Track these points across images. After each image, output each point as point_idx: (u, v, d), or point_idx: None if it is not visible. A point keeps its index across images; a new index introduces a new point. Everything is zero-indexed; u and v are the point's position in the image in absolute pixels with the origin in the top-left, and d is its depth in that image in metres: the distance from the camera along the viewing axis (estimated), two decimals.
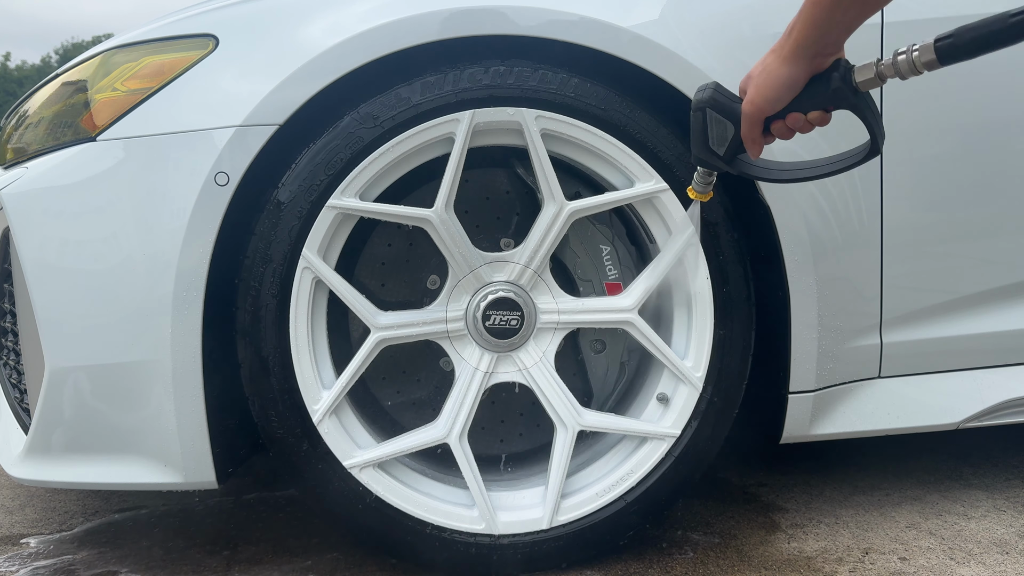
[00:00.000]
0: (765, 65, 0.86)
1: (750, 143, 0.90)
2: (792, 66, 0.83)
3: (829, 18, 0.79)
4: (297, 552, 1.48)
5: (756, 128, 0.88)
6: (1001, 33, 0.73)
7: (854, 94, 0.84)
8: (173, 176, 1.20)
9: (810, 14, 0.79)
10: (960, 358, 1.46)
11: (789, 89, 0.85)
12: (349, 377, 1.27)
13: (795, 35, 0.82)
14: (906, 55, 0.79)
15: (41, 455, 1.28)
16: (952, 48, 0.77)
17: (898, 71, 0.81)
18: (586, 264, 1.44)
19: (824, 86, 0.84)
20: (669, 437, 1.34)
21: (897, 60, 0.80)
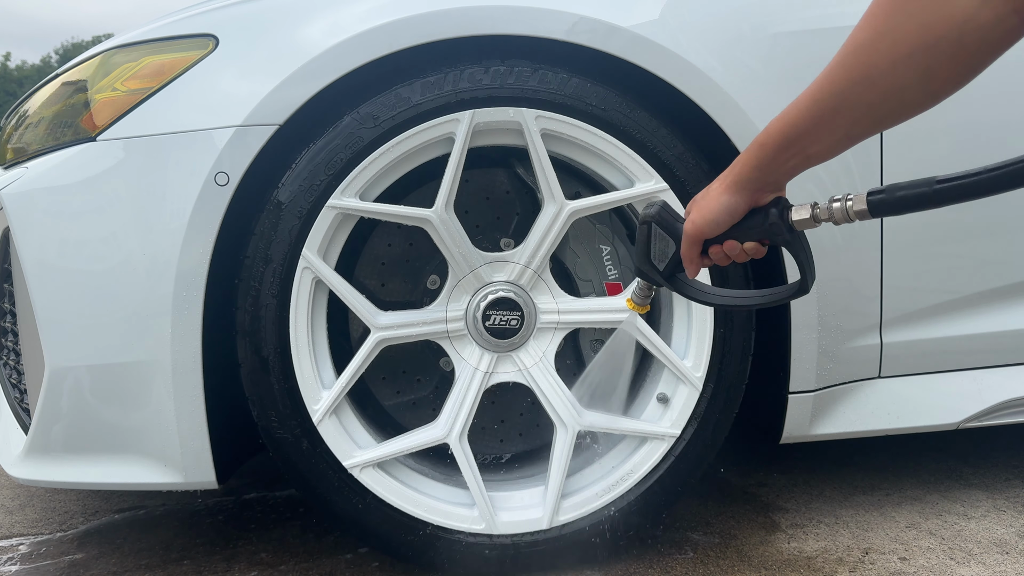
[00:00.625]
0: (709, 192, 0.89)
1: (688, 262, 0.93)
2: (733, 196, 0.87)
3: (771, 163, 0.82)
4: (297, 552, 1.48)
5: (695, 249, 0.92)
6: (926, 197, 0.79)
7: (789, 232, 0.87)
8: (173, 176, 1.20)
9: (754, 155, 0.83)
10: (960, 358, 1.46)
11: (728, 217, 0.88)
12: (349, 377, 1.27)
13: (737, 169, 0.86)
14: (841, 203, 0.83)
15: (41, 455, 1.28)
16: (882, 204, 0.81)
17: (832, 217, 0.84)
18: (586, 264, 1.44)
19: (762, 220, 0.87)
20: (669, 437, 1.34)
21: (832, 207, 0.83)
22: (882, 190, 0.80)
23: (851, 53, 0.72)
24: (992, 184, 0.73)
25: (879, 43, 0.69)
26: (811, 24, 1.31)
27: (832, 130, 0.77)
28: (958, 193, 0.76)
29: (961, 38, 0.64)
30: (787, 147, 0.80)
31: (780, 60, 1.30)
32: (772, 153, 0.82)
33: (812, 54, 1.29)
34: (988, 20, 0.63)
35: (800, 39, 1.31)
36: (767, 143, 0.82)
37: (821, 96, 0.76)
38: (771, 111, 1.27)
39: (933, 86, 0.69)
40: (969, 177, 0.74)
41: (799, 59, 1.30)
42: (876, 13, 0.70)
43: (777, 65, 1.30)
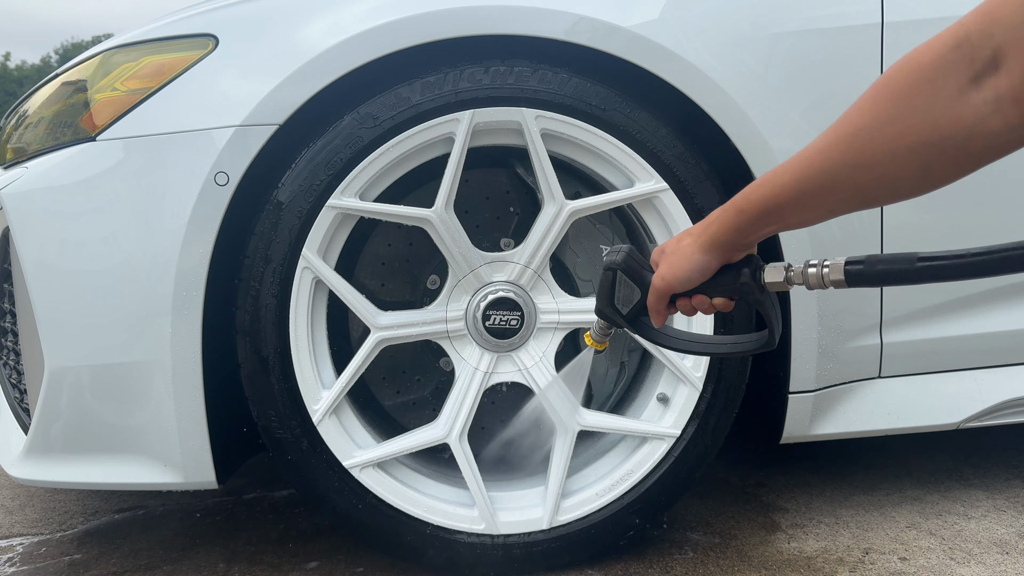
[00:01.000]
0: (681, 246, 0.88)
1: (655, 313, 0.93)
2: (706, 255, 0.86)
3: (749, 229, 0.82)
4: (297, 552, 1.48)
5: (662, 302, 0.91)
6: (907, 273, 0.75)
7: (760, 291, 0.87)
8: (173, 176, 1.20)
9: (732, 220, 0.82)
10: (960, 358, 1.46)
11: (701, 274, 0.88)
12: (349, 377, 1.27)
13: (713, 231, 0.85)
14: (817, 269, 0.81)
15: (41, 455, 1.28)
16: (860, 275, 0.78)
17: (806, 281, 0.82)
18: (586, 264, 1.44)
19: (734, 278, 0.87)
20: (669, 437, 1.34)
21: (808, 271, 0.82)
22: (861, 260, 0.78)
23: (848, 136, 0.70)
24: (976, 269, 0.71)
25: (881, 132, 0.67)
26: (811, 24, 1.31)
27: (816, 206, 0.76)
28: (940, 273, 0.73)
29: (967, 141, 0.63)
30: (766, 216, 0.79)
31: (780, 60, 1.30)
32: (751, 220, 0.81)
33: (812, 54, 1.29)
34: (997, 127, 0.62)
35: (800, 39, 1.31)
36: (746, 210, 0.80)
37: (810, 174, 0.74)
38: (771, 110, 1.28)
39: (929, 180, 0.68)
40: (953, 259, 0.72)
41: (799, 59, 1.30)
42: (879, 99, 0.67)
43: (777, 65, 1.30)
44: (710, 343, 1.01)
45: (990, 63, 0.60)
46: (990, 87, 0.61)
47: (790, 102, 1.29)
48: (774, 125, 1.27)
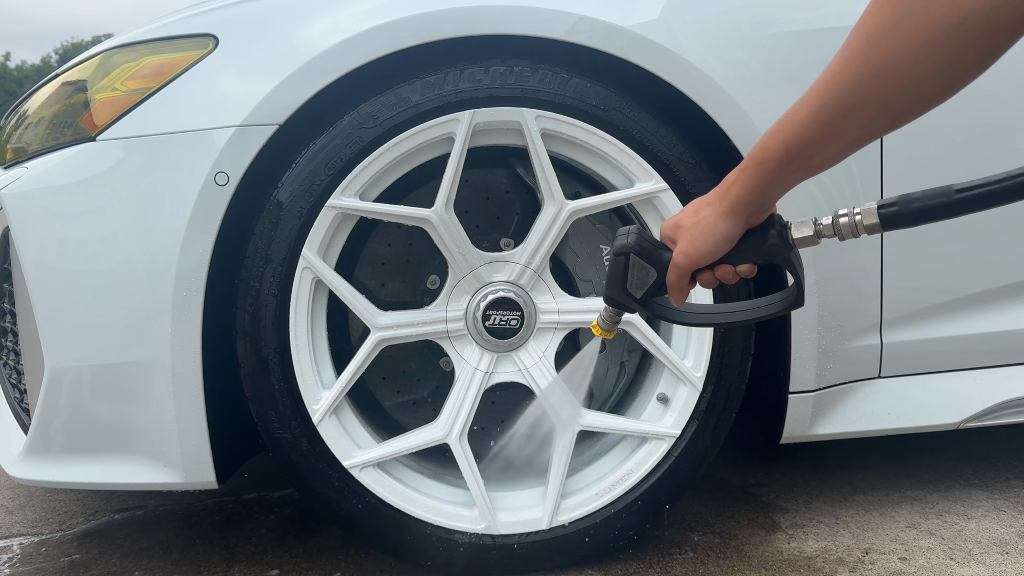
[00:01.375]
0: (700, 218, 0.83)
1: (677, 292, 0.88)
2: (730, 222, 0.81)
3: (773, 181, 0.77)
4: (297, 552, 1.48)
5: (685, 278, 0.86)
6: (945, 207, 0.73)
7: (789, 250, 0.83)
8: (173, 176, 1.20)
9: (753, 175, 0.78)
10: (960, 358, 1.46)
11: (726, 244, 0.83)
12: (349, 377, 1.27)
13: (735, 192, 0.80)
14: (848, 218, 0.78)
15: (41, 455, 1.28)
16: (896, 216, 0.75)
17: (839, 232, 0.79)
18: (586, 264, 1.44)
19: (760, 241, 0.83)
20: (669, 437, 1.34)
21: (839, 222, 0.79)
22: (895, 202, 0.75)
23: (864, 44, 0.65)
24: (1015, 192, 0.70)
25: (898, 29, 0.62)
26: (811, 24, 1.31)
27: (840, 135, 0.71)
28: (980, 201, 0.71)
29: (991, 14, 0.59)
30: (790, 161, 0.74)
31: (780, 60, 1.30)
32: (774, 170, 0.76)
33: (812, 54, 1.29)
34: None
35: (800, 39, 1.31)
36: (767, 160, 0.76)
37: (829, 98, 0.69)
38: (771, 111, 1.28)
39: (957, 72, 0.64)
40: (991, 184, 0.70)
41: (799, 59, 1.30)
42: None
43: (777, 65, 1.30)
44: (735, 311, 0.95)
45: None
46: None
47: (790, 102, 1.28)
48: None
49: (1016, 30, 0.61)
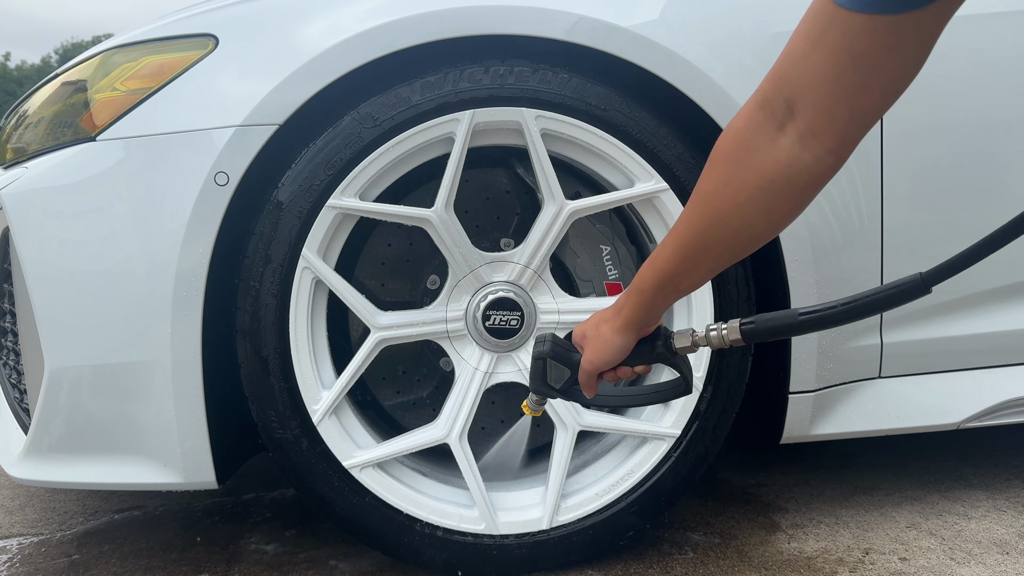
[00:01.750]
0: (600, 332, 1.00)
1: (586, 388, 1.06)
2: (623, 337, 0.98)
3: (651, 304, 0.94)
4: (297, 552, 1.48)
5: (592, 379, 1.04)
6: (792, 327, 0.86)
7: (673, 355, 1.00)
8: (173, 176, 1.20)
9: (637, 301, 0.94)
10: (960, 358, 1.46)
11: (621, 354, 1.00)
12: (349, 377, 1.27)
13: (624, 314, 0.97)
14: (717, 331, 0.93)
15: (41, 455, 1.28)
16: (752, 332, 0.90)
17: (710, 343, 0.95)
18: (586, 264, 1.44)
19: (650, 350, 1.00)
20: (669, 437, 1.34)
21: (709, 334, 0.95)
22: (752, 320, 0.90)
23: (701, 202, 0.83)
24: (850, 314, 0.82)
25: (724, 190, 0.81)
26: None
27: (697, 267, 0.88)
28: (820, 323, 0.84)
29: (790, 177, 0.77)
30: (661, 289, 0.91)
31: None
32: (651, 297, 0.93)
33: None
34: (809, 160, 0.76)
35: None
36: (645, 288, 0.93)
37: (683, 241, 0.86)
38: None
39: (774, 220, 0.81)
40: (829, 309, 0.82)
41: None
42: (717, 165, 0.82)
43: None
44: (636, 394, 1.13)
45: (787, 112, 0.75)
46: (792, 130, 0.75)
47: None
48: None
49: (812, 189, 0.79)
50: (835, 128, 0.74)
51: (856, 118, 0.74)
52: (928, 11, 0.66)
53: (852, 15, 0.68)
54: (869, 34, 0.68)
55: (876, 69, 0.70)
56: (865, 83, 0.71)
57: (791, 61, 0.75)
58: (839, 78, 0.71)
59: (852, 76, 0.71)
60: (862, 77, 0.71)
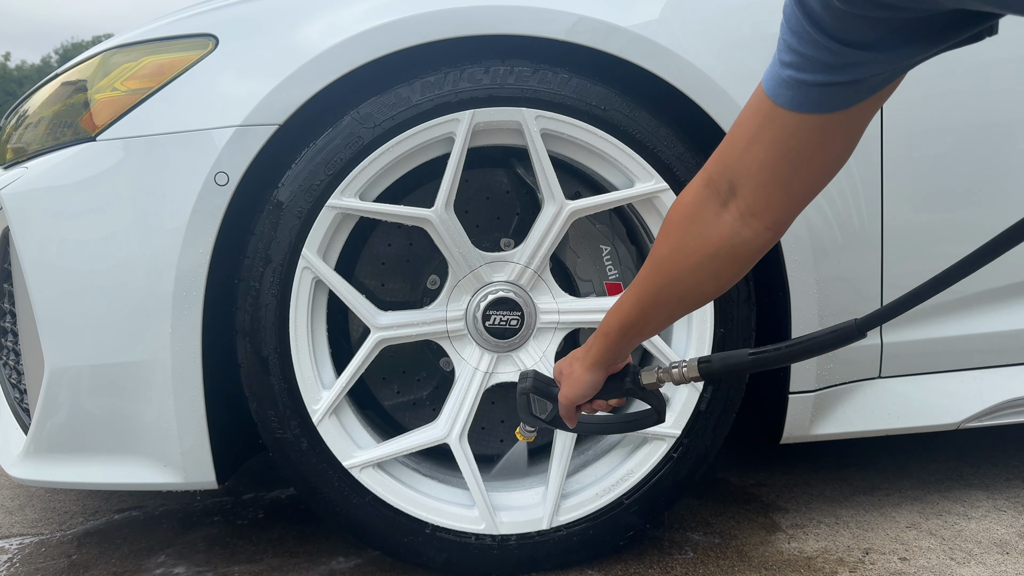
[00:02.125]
0: (572, 370, 1.08)
1: (567, 419, 1.14)
2: (592, 374, 1.06)
3: (616, 346, 1.02)
4: (297, 552, 1.48)
5: (570, 411, 1.12)
6: (743, 365, 0.94)
7: (641, 390, 1.07)
8: (173, 176, 1.20)
9: (603, 343, 1.02)
10: (960, 358, 1.46)
11: (592, 389, 1.08)
12: (349, 377, 1.27)
13: (593, 354, 1.05)
14: (678, 369, 1.01)
15: (41, 455, 1.28)
16: (708, 370, 0.98)
17: (672, 379, 1.02)
18: (586, 264, 1.44)
19: (619, 385, 1.08)
20: (669, 437, 1.34)
21: (671, 371, 1.02)
22: (709, 359, 0.98)
23: (657, 264, 0.93)
24: (791, 356, 0.90)
25: (675, 256, 0.90)
26: None
27: (655, 318, 0.97)
28: (765, 362, 0.92)
29: (733, 249, 0.86)
30: (624, 334, 1.00)
31: None
32: (616, 339, 1.01)
33: None
34: (748, 235, 0.85)
35: None
36: (610, 333, 1.01)
37: (642, 295, 0.96)
38: None
39: (721, 282, 0.90)
40: (774, 350, 0.91)
41: None
42: (670, 232, 0.91)
43: None
44: (614, 423, 1.20)
45: (729, 193, 0.84)
46: (735, 208, 0.84)
47: None
48: None
49: (755, 257, 0.88)
50: (771, 210, 0.83)
51: (790, 202, 0.83)
52: (853, 111, 0.75)
53: (787, 114, 0.76)
54: (801, 132, 0.77)
55: (807, 162, 0.79)
56: (797, 174, 0.80)
57: (733, 150, 0.83)
58: (774, 169, 0.80)
59: (786, 168, 0.80)
60: (795, 169, 0.80)
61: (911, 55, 0.69)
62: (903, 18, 0.66)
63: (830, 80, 0.72)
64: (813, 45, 0.70)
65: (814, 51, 0.70)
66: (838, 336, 0.85)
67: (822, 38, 0.69)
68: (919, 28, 0.67)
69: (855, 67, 0.70)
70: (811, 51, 0.71)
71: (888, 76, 0.73)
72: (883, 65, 0.70)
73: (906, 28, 0.67)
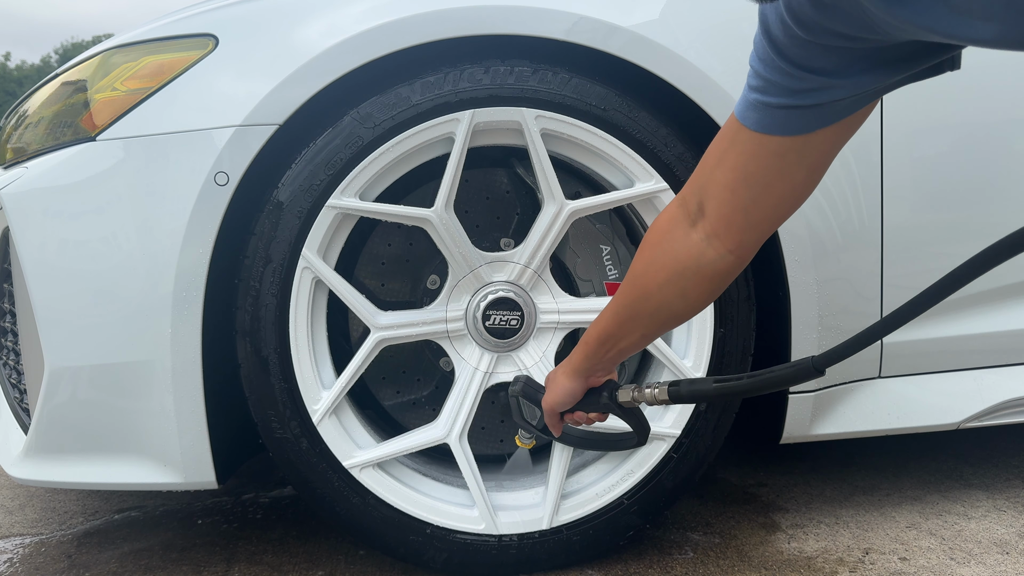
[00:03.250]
0: (556, 377, 1.12)
1: (551, 426, 1.18)
2: (572, 382, 1.10)
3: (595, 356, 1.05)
4: (297, 552, 1.48)
5: (554, 418, 1.16)
6: (707, 393, 0.98)
7: (619, 408, 1.10)
8: (173, 176, 1.20)
9: (582, 351, 1.06)
10: (960, 358, 1.46)
11: (572, 397, 1.11)
12: (349, 377, 1.27)
13: (573, 362, 1.08)
14: (651, 390, 1.05)
15: (41, 455, 1.28)
16: (677, 394, 1.01)
17: (645, 399, 1.06)
18: (586, 264, 1.44)
19: (597, 399, 1.11)
20: (669, 437, 1.34)
21: (645, 391, 1.06)
22: (677, 383, 1.02)
23: (632, 278, 0.97)
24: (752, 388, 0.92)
25: (648, 271, 0.94)
26: None
27: (631, 332, 1.00)
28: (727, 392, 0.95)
29: (699, 268, 0.89)
30: (602, 345, 1.04)
31: None
32: (594, 349, 1.05)
33: None
34: (713, 256, 0.88)
35: None
36: (589, 342, 1.05)
37: (618, 308, 1.00)
38: None
39: (689, 302, 0.94)
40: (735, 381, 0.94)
41: None
42: (644, 249, 0.95)
43: None
44: (597, 439, 1.24)
45: (698, 213, 0.88)
46: (701, 228, 0.88)
47: None
48: None
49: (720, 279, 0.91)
50: (732, 233, 0.86)
51: (750, 227, 0.86)
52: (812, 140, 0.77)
53: (749, 136, 0.79)
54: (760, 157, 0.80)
55: (765, 189, 0.82)
56: (756, 200, 0.83)
57: (704, 170, 0.86)
58: (734, 192, 0.83)
59: (744, 192, 0.83)
60: (753, 194, 0.83)
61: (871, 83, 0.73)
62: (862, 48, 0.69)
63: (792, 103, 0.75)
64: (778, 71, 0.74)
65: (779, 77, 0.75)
66: (797, 372, 0.88)
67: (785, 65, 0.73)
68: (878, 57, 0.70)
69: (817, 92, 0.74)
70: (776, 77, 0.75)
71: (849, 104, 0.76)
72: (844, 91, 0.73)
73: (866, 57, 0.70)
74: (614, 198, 1.30)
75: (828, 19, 0.66)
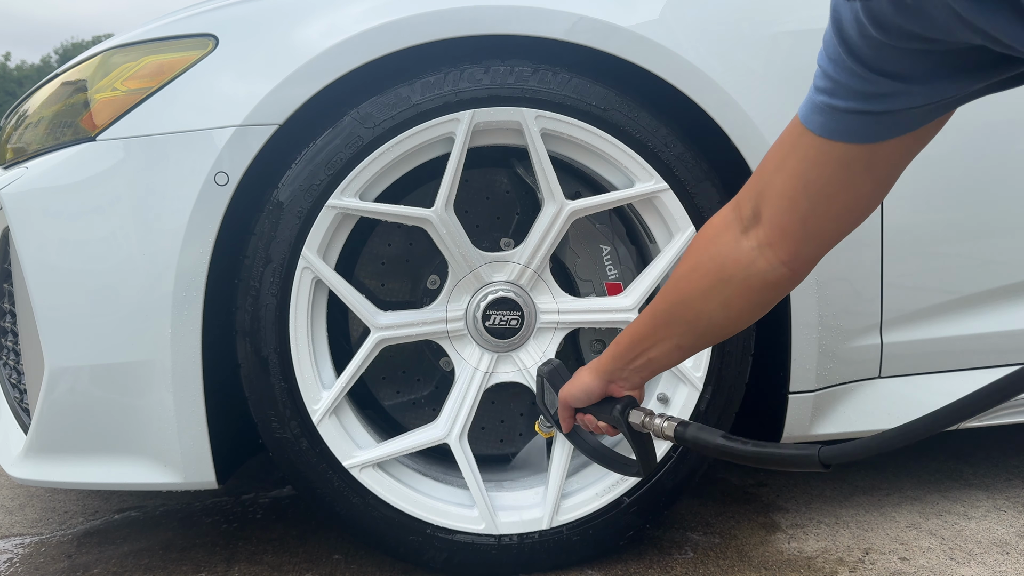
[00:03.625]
0: (582, 371, 1.07)
1: (561, 419, 1.13)
2: (593, 379, 1.05)
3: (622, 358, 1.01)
4: (297, 552, 1.48)
5: (566, 412, 1.11)
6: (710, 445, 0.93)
7: (627, 427, 1.03)
8: (173, 176, 1.20)
9: (612, 349, 1.02)
10: (960, 358, 1.46)
11: (586, 396, 1.06)
12: (349, 377, 1.27)
13: (602, 360, 1.04)
14: (661, 420, 0.99)
15: (41, 455, 1.28)
16: (681, 436, 0.96)
17: (653, 430, 1.01)
18: (586, 264, 1.44)
19: (609, 409, 1.05)
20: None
21: (654, 421, 1.00)
22: (686, 424, 0.97)
23: (674, 281, 0.92)
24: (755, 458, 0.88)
25: (691, 276, 0.89)
26: (811, 24, 1.30)
27: (665, 339, 0.95)
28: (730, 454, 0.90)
29: (747, 278, 0.84)
30: (633, 347, 0.99)
31: (780, 60, 1.30)
32: (623, 350, 1.00)
33: (812, 53, 1.28)
34: (764, 267, 0.83)
35: (800, 39, 1.31)
36: (620, 341, 1.00)
37: (656, 312, 0.95)
38: (771, 110, 1.28)
39: (731, 313, 0.88)
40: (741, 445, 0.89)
41: (799, 59, 1.29)
42: (691, 251, 0.91)
43: (777, 65, 1.30)
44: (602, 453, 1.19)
45: (752, 219, 0.83)
46: (754, 236, 0.83)
47: (789, 101, 1.29)
48: (774, 125, 1.27)
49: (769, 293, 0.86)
50: (788, 244, 0.81)
51: (808, 239, 0.80)
52: (880, 150, 0.73)
53: (813, 141, 0.74)
54: (823, 165, 0.74)
55: (828, 199, 0.77)
56: (816, 209, 0.78)
57: (763, 174, 0.82)
58: (794, 201, 0.78)
59: (804, 201, 0.78)
60: (813, 204, 0.77)
61: (948, 90, 0.68)
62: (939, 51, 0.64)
63: (861, 108, 0.70)
64: (848, 73, 0.69)
65: (849, 79, 0.69)
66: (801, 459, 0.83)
67: (858, 67, 0.68)
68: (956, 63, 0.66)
69: (888, 98, 0.69)
70: (846, 79, 0.69)
71: (924, 113, 0.71)
72: (916, 98, 0.69)
73: (944, 63, 0.65)
74: (614, 198, 1.30)
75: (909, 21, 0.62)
